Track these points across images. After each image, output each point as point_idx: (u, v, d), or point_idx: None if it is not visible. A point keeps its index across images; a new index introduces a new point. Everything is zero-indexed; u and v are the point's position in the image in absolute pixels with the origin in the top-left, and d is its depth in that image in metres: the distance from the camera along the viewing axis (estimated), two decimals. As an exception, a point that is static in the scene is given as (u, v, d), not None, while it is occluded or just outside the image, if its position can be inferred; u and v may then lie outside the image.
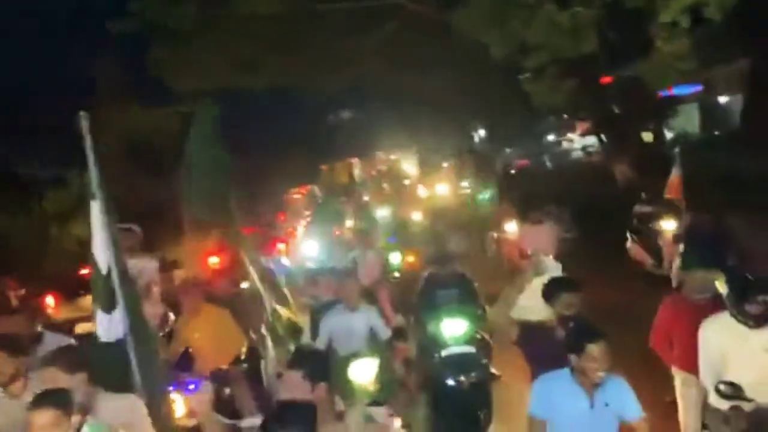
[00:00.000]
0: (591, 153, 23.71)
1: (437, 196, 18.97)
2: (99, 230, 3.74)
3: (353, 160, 25.16)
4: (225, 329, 5.67)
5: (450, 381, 5.06)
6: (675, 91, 17.20)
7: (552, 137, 30.63)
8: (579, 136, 26.86)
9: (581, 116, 20.66)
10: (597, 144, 19.84)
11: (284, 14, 11.73)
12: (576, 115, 21.21)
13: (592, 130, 19.36)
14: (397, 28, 13.90)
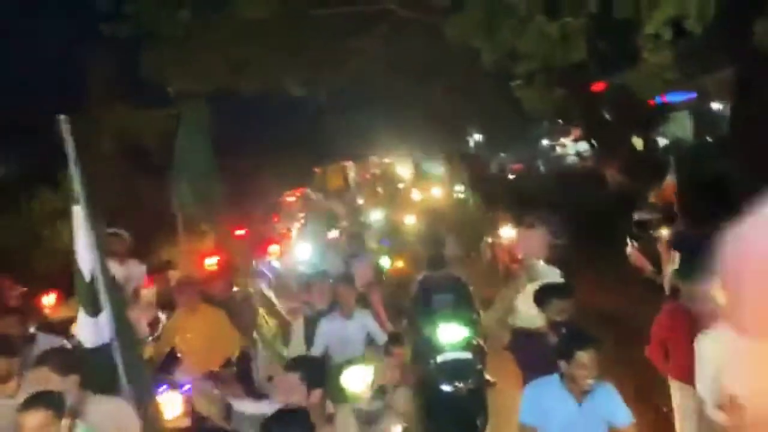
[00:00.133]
0: (586, 158, 23.80)
1: (431, 200, 18.97)
2: (82, 235, 3.69)
3: (347, 163, 25.10)
4: (220, 330, 5.64)
5: (446, 387, 4.97)
6: (668, 99, 17.33)
7: (546, 142, 30.68)
8: (572, 142, 26.93)
9: (575, 122, 20.75)
10: (590, 149, 19.95)
11: (277, 18, 11.74)
12: (570, 121, 21.29)
13: (583, 136, 19.43)
14: (389, 33, 13.93)
